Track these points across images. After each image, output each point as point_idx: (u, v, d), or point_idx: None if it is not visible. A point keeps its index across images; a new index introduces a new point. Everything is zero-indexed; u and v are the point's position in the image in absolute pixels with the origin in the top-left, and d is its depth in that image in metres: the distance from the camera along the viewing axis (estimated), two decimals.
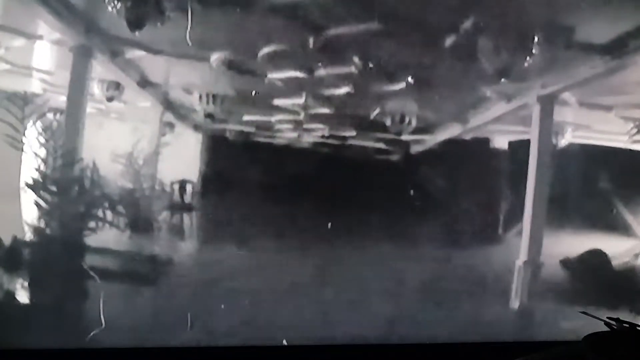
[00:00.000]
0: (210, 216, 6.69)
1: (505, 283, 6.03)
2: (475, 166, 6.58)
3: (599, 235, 6.57)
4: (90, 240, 5.16)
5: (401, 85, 5.75)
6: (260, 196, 6.11)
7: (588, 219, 6.48)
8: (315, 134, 6.82)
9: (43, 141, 5.02)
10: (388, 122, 6.40)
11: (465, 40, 4.96)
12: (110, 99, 5.83)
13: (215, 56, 5.34)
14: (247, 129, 6.61)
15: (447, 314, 5.33)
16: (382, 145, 6.86)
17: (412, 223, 6.48)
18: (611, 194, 6.40)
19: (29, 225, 4.92)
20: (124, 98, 5.94)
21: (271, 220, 6.30)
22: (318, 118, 6.57)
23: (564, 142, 6.64)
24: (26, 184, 4.93)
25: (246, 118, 6.52)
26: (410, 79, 5.68)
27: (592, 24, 4.78)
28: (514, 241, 6.42)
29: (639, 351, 2.07)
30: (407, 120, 6.34)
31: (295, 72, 5.57)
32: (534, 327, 5.81)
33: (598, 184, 6.44)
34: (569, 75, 5.69)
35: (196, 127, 6.49)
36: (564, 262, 6.22)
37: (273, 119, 6.58)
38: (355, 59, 5.37)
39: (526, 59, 5.05)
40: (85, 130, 5.31)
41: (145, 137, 6.06)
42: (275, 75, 5.64)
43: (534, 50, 5.02)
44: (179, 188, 6.50)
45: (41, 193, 4.98)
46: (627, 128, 6.54)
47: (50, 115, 5.21)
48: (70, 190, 5.16)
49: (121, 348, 3.45)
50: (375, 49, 5.27)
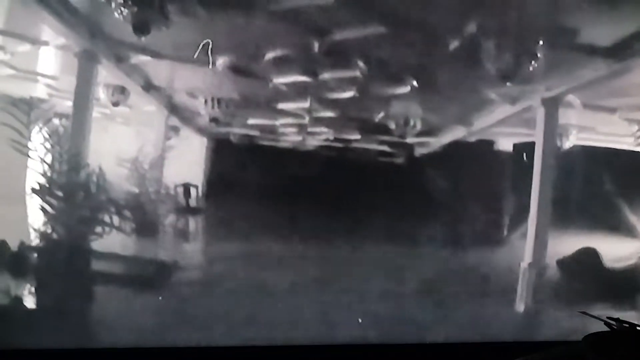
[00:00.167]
0: (215, 219, 6.70)
1: (510, 285, 6.03)
2: (479, 168, 6.58)
3: (603, 237, 6.57)
4: (96, 244, 5.16)
5: (406, 88, 5.76)
6: (265, 199, 6.12)
7: (593, 221, 6.48)
8: (320, 137, 6.83)
9: (49, 146, 5.03)
10: (392, 125, 6.40)
11: (469, 44, 4.96)
12: (115, 104, 5.84)
13: (220, 60, 5.35)
14: (252, 132, 6.62)
15: (452, 316, 5.33)
16: (387, 148, 6.87)
17: (417, 225, 6.50)
18: (616, 195, 6.39)
19: (35, 230, 4.93)
20: (129, 102, 5.94)
21: (276, 223, 6.31)
22: (323, 121, 6.58)
23: (568, 144, 6.64)
24: (32, 189, 4.94)
25: (251, 122, 6.53)
26: (414, 82, 5.69)
27: (596, 27, 4.77)
28: (518, 243, 6.41)
29: (639, 351, 2.08)
30: (412, 123, 6.33)
31: (299, 76, 5.58)
32: (538, 329, 5.82)
33: (602, 186, 6.44)
34: (573, 78, 5.69)
35: (201, 131, 6.51)
36: (560, 263, 6.22)
37: (277, 122, 6.59)
38: (360, 63, 5.37)
39: (531, 62, 5.05)
40: (90, 135, 5.32)
41: (150, 141, 6.09)
42: (280, 79, 5.65)
43: (539, 54, 5.02)
44: (184, 191, 6.51)
45: (47, 198, 4.99)
46: (632, 130, 6.54)
47: (56, 120, 5.22)
48: (76, 195, 5.17)
49: (121, 348, 3.45)
50: (380, 53, 5.28)
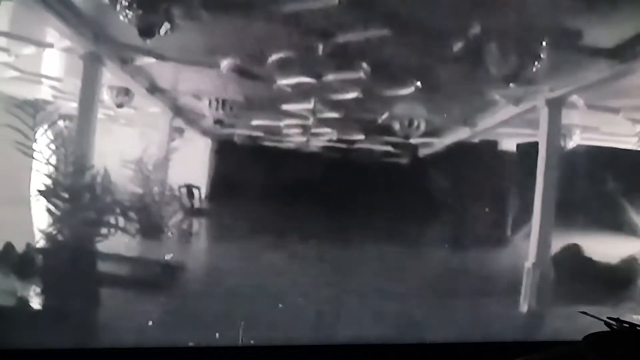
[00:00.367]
0: (219, 220, 6.72)
1: (514, 285, 6.04)
2: (483, 168, 6.59)
3: (607, 236, 6.59)
4: (101, 245, 5.18)
5: (410, 89, 5.76)
6: (270, 200, 6.13)
7: (596, 220, 6.49)
8: (324, 138, 6.84)
9: (54, 148, 5.04)
10: (397, 126, 6.40)
11: (473, 45, 4.96)
12: (120, 105, 5.84)
13: (225, 62, 5.35)
14: (256, 133, 6.63)
15: (456, 316, 5.34)
16: (391, 148, 6.87)
17: (420, 225, 6.50)
18: (619, 195, 6.40)
19: (40, 231, 4.95)
20: (133, 104, 5.95)
21: (280, 223, 6.33)
22: (326, 122, 6.58)
23: (572, 144, 6.65)
24: (38, 191, 4.95)
25: (255, 123, 6.54)
26: (418, 83, 5.70)
27: (600, 28, 4.77)
28: (522, 243, 6.42)
29: (639, 351, 2.08)
30: (416, 124, 6.34)
31: (304, 78, 5.59)
32: (543, 329, 5.83)
33: (606, 185, 6.44)
34: (576, 79, 5.69)
35: (205, 133, 6.52)
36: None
37: (282, 123, 6.60)
38: (364, 65, 5.38)
39: (534, 63, 5.05)
40: (95, 136, 5.34)
41: (154, 143, 6.10)
42: (284, 81, 5.65)
43: (542, 55, 5.02)
44: (187, 192, 6.52)
45: (52, 199, 5.00)
46: (635, 130, 6.55)
47: (61, 122, 5.23)
48: (81, 196, 5.18)
49: (121, 348, 3.45)
50: (384, 55, 5.27)
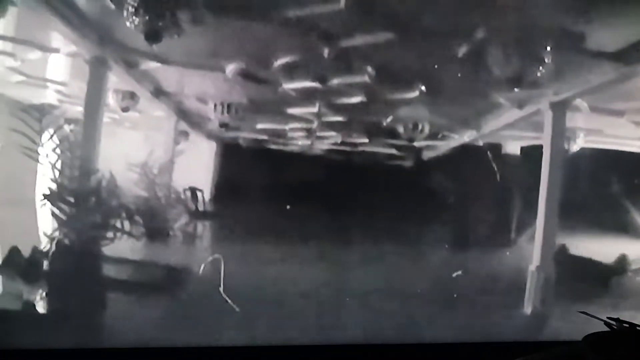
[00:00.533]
0: (223, 223, 6.72)
1: (518, 288, 6.04)
2: (487, 171, 6.58)
3: (611, 239, 6.59)
4: (106, 249, 5.19)
5: (414, 93, 5.77)
6: (274, 202, 6.14)
7: (600, 223, 6.49)
8: (328, 141, 6.85)
9: (60, 152, 5.05)
10: (401, 129, 6.42)
11: (477, 49, 4.97)
12: (125, 109, 5.86)
13: (231, 66, 5.37)
14: (261, 136, 6.64)
15: (460, 319, 5.34)
16: (395, 151, 6.88)
17: (424, 227, 6.51)
18: (623, 197, 6.40)
19: (46, 235, 4.96)
20: (139, 108, 5.96)
21: (285, 226, 6.33)
22: (331, 126, 6.60)
23: (576, 147, 6.65)
24: (43, 195, 4.96)
25: (260, 126, 6.54)
26: (423, 86, 5.71)
27: (604, 31, 4.78)
28: (526, 246, 6.42)
29: (639, 351, 2.09)
30: (420, 127, 6.36)
31: (309, 82, 5.60)
32: (546, 332, 5.84)
33: (610, 188, 6.44)
34: (581, 82, 5.70)
35: (211, 136, 6.53)
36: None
37: (287, 127, 6.60)
38: (368, 68, 5.39)
39: (538, 67, 5.06)
40: (101, 140, 5.35)
41: (160, 146, 6.11)
42: (290, 85, 5.66)
43: (546, 58, 5.02)
44: (192, 196, 6.52)
45: (58, 203, 5.01)
46: (639, 132, 6.56)
47: (67, 126, 5.24)
48: (87, 200, 5.19)
49: (121, 348, 3.46)
50: (388, 58, 5.29)
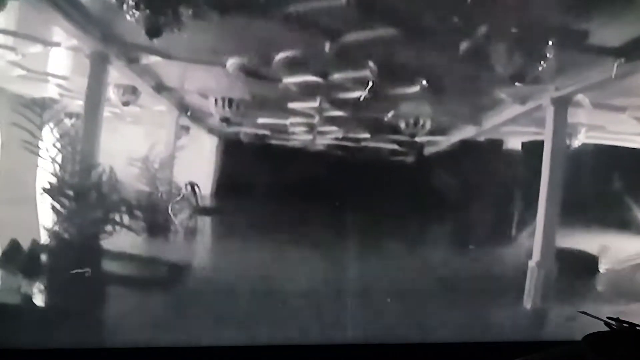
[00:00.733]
0: (225, 218, 6.72)
1: (517, 283, 6.04)
2: (489, 167, 6.58)
3: (612, 235, 6.59)
4: (107, 243, 5.19)
5: (416, 88, 5.76)
6: (275, 198, 6.13)
7: (602, 219, 6.48)
8: (330, 136, 6.84)
9: (60, 146, 5.05)
10: (402, 125, 6.41)
11: (479, 44, 4.96)
12: (126, 104, 5.85)
13: (232, 61, 5.36)
14: (262, 131, 6.62)
15: (460, 315, 5.34)
16: (397, 147, 6.87)
17: (426, 223, 6.51)
18: (625, 194, 6.39)
19: (46, 229, 4.96)
20: (140, 102, 5.95)
21: (286, 221, 6.33)
22: (333, 121, 6.59)
23: (577, 143, 6.64)
24: (43, 189, 4.96)
25: (261, 121, 6.53)
26: (424, 82, 5.70)
27: (606, 27, 4.77)
28: (527, 242, 6.42)
29: (639, 351, 2.09)
30: (422, 122, 6.35)
31: (310, 77, 5.60)
32: (546, 328, 5.84)
33: (612, 184, 6.43)
34: (582, 78, 5.69)
35: (212, 131, 6.52)
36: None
37: (288, 122, 6.59)
38: (370, 63, 5.38)
39: (540, 63, 5.05)
40: (101, 134, 5.35)
41: (161, 141, 6.10)
42: (291, 80, 5.65)
43: (548, 54, 5.01)
44: (192, 190, 6.51)
45: (58, 198, 5.01)
46: None
47: (68, 121, 5.24)
48: (87, 194, 5.19)
49: (121, 348, 3.47)
50: (390, 53, 5.28)
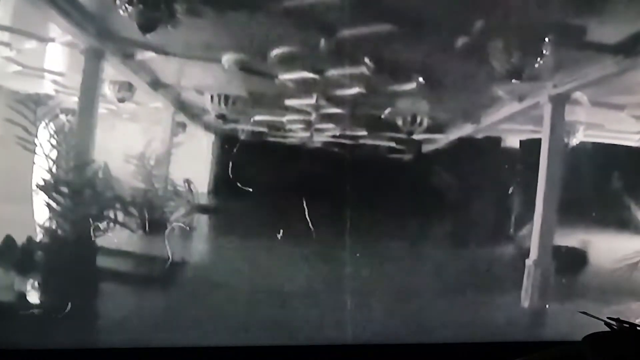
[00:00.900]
0: (221, 216, 6.70)
1: (515, 282, 6.03)
2: (486, 164, 6.55)
3: (610, 234, 6.57)
4: (101, 241, 5.17)
5: (412, 85, 5.74)
6: (272, 194, 6.11)
7: (599, 218, 6.46)
8: (327, 133, 6.81)
9: (55, 143, 5.04)
10: (399, 122, 6.40)
11: (476, 41, 4.95)
12: (121, 100, 5.84)
13: (227, 57, 5.34)
14: (259, 128, 6.60)
15: (456, 313, 5.34)
16: (394, 144, 6.85)
17: (422, 220, 6.49)
18: (623, 193, 6.37)
19: (40, 226, 4.94)
20: (135, 99, 5.94)
21: (283, 219, 6.31)
22: (330, 118, 6.57)
23: (575, 141, 6.62)
24: (37, 186, 4.95)
25: (258, 118, 6.51)
26: (421, 78, 5.68)
27: (604, 23, 4.75)
28: (524, 240, 6.41)
29: (639, 351, 2.08)
30: (419, 120, 6.33)
31: (306, 73, 5.58)
32: (543, 327, 5.84)
33: (610, 183, 6.42)
34: (580, 75, 5.67)
35: (208, 128, 6.50)
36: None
37: (284, 119, 6.57)
38: (367, 60, 5.36)
39: (537, 59, 5.03)
40: (97, 131, 5.34)
41: (157, 138, 6.09)
42: (287, 76, 5.64)
43: (546, 51, 5.00)
44: (189, 188, 6.49)
45: (53, 195, 4.99)
46: (639, 127, 6.53)
47: (62, 117, 5.23)
48: (82, 191, 5.17)
49: (121, 348, 3.46)
50: (387, 50, 5.26)
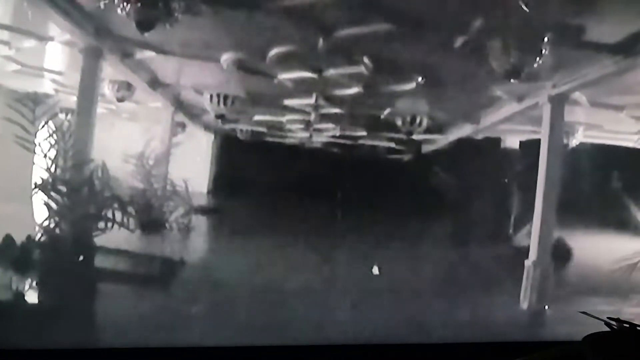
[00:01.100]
0: (220, 215, 6.70)
1: (514, 282, 6.02)
2: (486, 165, 6.55)
3: (609, 235, 6.56)
4: (100, 240, 5.16)
5: (411, 85, 5.73)
6: (271, 195, 6.12)
7: (598, 218, 6.46)
8: (327, 133, 6.81)
9: (54, 142, 5.02)
10: (399, 122, 6.39)
11: (475, 41, 4.94)
12: (121, 100, 5.83)
13: (226, 56, 5.33)
14: (258, 128, 6.61)
15: (456, 313, 5.32)
16: (394, 144, 6.84)
17: (422, 221, 6.49)
18: (622, 193, 6.37)
19: (39, 225, 4.93)
20: (135, 98, 5.94)
21: (282, 218, 6.31)
22: (329, 118, 6.56)
23: (574, 142, 6.62)
24: (36, 185, 4.94)
25: (257, 118, 6.51)
26: (420, 79, 5.66)
27: (603, 24, 4.74)
28: (523, 241, 6.40)
29: (639, 351, 2.07)
30: (418, 120, 6.32)
31: (305, 73, 5.55)
32: (543, 327, 5.82)
33: (609, 183, 6.41)
34: (579, 75, 5.65)
35: (207, 127, 6.50)
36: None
37: (284, 119, 6.56)
38: (365, 60, 5.35)
39: (536, 59, 5.01)
40: (96, 130, 5.32)
41: (156, 137, 6.08)
42: (286, 76, 5.62)
43: (544, 51, 4.98)
44: (186, 187, 6.48)
45: (51, 194, 4.98)
46: (638, 127, 6.51)
47: (61, 116, 5.23)
48: (80, 190, 5.16)
49: (121, 348, 3.44)
50: (385, 49, 5.25)
